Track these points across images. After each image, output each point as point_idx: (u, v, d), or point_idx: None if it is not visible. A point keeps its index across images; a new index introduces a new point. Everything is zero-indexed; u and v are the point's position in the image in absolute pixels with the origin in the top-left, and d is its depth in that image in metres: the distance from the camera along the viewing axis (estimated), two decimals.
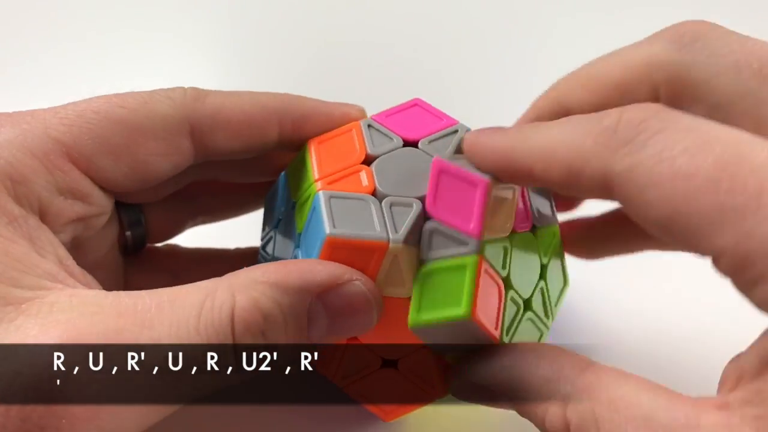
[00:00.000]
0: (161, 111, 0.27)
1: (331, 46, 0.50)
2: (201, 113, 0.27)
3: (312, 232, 0.26)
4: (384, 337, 0.26)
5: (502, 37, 0.49)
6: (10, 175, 0.24)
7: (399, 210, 0.25)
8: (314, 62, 0.49)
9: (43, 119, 0.25)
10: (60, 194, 0.25)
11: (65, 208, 0.26)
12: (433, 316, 0.24)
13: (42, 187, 0.25)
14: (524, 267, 0.27)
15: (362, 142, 0.27)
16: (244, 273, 0.24)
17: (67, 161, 0.25)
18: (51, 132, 0.25)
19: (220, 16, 0.51)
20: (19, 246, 0.23)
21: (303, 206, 0.27)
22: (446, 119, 0.28)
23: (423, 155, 0.27)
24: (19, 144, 0.24)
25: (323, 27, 0.51)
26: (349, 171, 0.27)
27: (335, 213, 0.25)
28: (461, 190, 0.24)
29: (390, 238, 0.25)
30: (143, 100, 0.27)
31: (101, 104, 0.26)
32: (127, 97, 0.27)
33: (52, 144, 0.25)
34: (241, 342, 0.23)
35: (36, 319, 0.22)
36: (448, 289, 0.24)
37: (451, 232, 0.25)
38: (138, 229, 0.31)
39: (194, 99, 0.28)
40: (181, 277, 0.32)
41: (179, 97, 0.27)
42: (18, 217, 0.24)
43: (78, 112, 0.26)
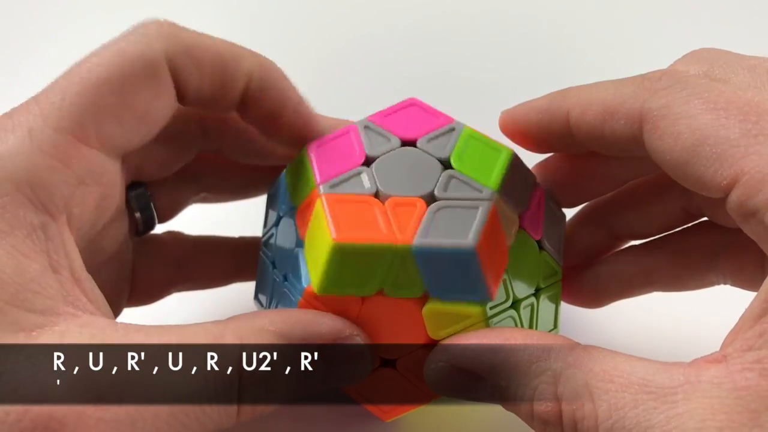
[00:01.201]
0: (140, 53, 0.26)
1: (327, 46, 0.50)
2: (177, 48, 0.26)
3: (316, 237, 0.26)
4: (383, 336, 0.26)
5: (498, 36, 0.49)
6: (29, 181, 0.24)
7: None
8: (313, 62, 0.49)
9: (40, 112, 0.25)
10: (80, 184, 0.25)
11: (85, 197, 0.25)
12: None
13: (63, 184, 0.24)
14: (523, 265, 0.27)
15: (360, 143, 0.27)
16: (250, 319, 0.25)
17: (78, 145, 0.25)
18: (51, 122, 0.24)
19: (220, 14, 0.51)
20: (35, 263, 0.23)
21: (305, 210, 0.27)
22: (442, 117, 0.28)
23: (422, 154, 0.27)
24: (29, 147, 0.24)
25: (321, 26, 0.51)
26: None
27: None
28: None
29: (396, 239, 0.25)
30: (118, 47, 0.26)
31: (82, 72, 0.25)
32: (103, 51, 0.26)
33: (58, 134, 0.24)
34: (245, 391, 0.24)
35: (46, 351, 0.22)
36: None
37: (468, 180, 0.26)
38: (147, 212, 0.31)
39: (169, 33, 0.26)
40: (186, 266, 0.33)
41: (154, 31, 0.26)
42: (37, 228, 0.23)
43: (65, 89, 0.25)
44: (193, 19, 0.28)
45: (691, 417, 0.21)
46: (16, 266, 0.23)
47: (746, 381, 0.21)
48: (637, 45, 0.48)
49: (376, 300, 0.25)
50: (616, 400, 0.22)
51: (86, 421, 0.21)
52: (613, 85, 0.26)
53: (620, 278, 0.32)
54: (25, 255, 0.23)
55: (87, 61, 0.26)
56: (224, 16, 0.51)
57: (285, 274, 0.28)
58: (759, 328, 0.21)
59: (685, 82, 0.24)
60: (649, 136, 0.24)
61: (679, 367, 0.22)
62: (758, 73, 0.24)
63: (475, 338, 0.25)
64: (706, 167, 0.23)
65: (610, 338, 0.34)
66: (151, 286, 0.33)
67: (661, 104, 0.24)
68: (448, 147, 0.27)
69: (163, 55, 0.26)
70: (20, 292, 0.22)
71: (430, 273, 0.25)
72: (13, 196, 0.23)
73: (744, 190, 0.22)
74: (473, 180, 0.26)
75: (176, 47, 0.26)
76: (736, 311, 0.23)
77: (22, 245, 0.23)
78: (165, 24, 0.27)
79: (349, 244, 0.24)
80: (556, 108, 0.27)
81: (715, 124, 0.22)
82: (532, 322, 0.28)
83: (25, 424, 0.21)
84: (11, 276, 0.22)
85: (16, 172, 0.23)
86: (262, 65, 0.28)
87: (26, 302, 0.22)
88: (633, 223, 0.31)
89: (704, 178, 0.23)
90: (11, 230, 0.23)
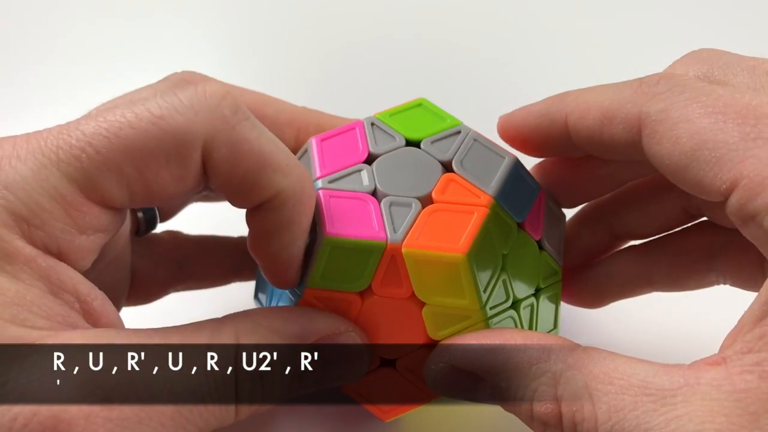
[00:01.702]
0: (175, 132, 0.23)
1: (334, 46, 0.50)
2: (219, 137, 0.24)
3: (313, 230, 0.26)
4: (382, 336, 0.26)
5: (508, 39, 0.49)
6: (27, 218, 0.23)
7: (398, 210, 0.25)
8: (317, 62, 0.49)
9: (55, 149, 0.23)
10: (80, 233, 0.24)
11: (85, 243, 0.24)
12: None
13: (61, 231, 0.23)
14: (523, 265, 0.27)
15: (365, 140, 0.27)
16: (247, 317, 0.25)
17: (82, 199, 0.24)
18: (63, 168, 0.23)
19: (223, 15, 0.51)
20: (35, 289, 0.23)
21: None
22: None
23: (424, 155, 0.27)
24: (35, 184, 0.23)
25: (326, 27, 0.51)
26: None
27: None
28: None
29: (389, 238, 0.25)
30: (158, 114, 0.23)
31: (111, 125, 0.23)
32: (140, 111, 0.23)
33: (67, 183, 0.23)
34: (242, 388, 0.24)
35: None
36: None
37: None
38: (150, 212, 0.31)
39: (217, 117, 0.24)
40: (185, 265, 0.33)
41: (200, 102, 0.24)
42: (36, 257, 0.23)
43: (88, 136, 0.23)
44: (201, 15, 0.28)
45: (690, 419, 0.21)
46: (16, 291, 0.22)
47: (746, 383, 0.21)
48: (638, 45, 0.48)
49: (376, 300, 0.26)
50: (616, 402, 0.22)
51: (94, 420, 0.21)
52: (611, 89, 0.26)
53: (620, 278, 0.32)
54: (25, 283, 0.23)
55: (123, 115, 0.24)
56: (232, 16, 0.51)
57: None
58: (759, 331, 0.21)
59: (684, 86, 0.24)
60: (648, 140, 0.24)
61: (678, 369, 0.22)
62: (757, 74, 0.24)
63: (475, 339, 0.25)
64: (705, 171, 0.23)
65: (610, 339, 0.34)
66: (151, 285, 0.33)
67: (659, 108, 0.24)
68: (452, 150, 0.27)
69: (202, 143, 0.24)
70: (21, 313, 0.22)
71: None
72: (11, 229, 0.23)
73: (743, 193, 0.22)
74: (472, 185, 0.26)
75: (220, 137, 0.24)
76: (736, 311, 0.23)
77: (21, 273, 0.23)
78: (222, 100, 0.24)
79: (340, 239, 0.25)
80: (555, 112, 0.27)
81: (714, 128, 0.22)
82: (532, 322, 0.28)
83: (33, 427, 0.21)
84: (12, 298, 0.22)
85: (18, 205, 0.23)
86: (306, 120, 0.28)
87: (27, 321, 0.22)
88: (632, 223, 0.31)
89: (703, 183, 0.23)
90: (9, 258, 0.23)
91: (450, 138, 0.27)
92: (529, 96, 0.29)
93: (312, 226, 0.26)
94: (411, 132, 0.28)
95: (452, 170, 0.27)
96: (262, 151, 0.24)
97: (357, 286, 0.25)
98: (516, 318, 0.27)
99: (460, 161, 0.27)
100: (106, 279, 0.29)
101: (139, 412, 0.22)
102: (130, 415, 0.22)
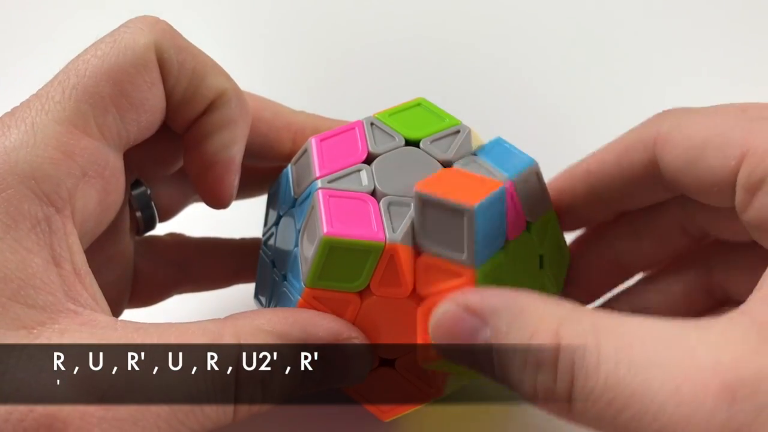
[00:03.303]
0: (132, 43, 0.26)
1: (334, 46, 0.50)
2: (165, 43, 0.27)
3: (310, 230, 0.26)
4: (382, 336, 0.26)
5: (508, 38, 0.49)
6: (33, 174, 0.24)
7: (397, 210, 0.25)
8: (317, 62, 0.49)
9: (41, 107, 0.25)
10: (84, 176, 0.25)
11: (89, 190, 0.25)
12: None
13: (66, 175, 0.24)
14: (520, 273, 0.27)
15: (364, 140, 0.27)
16: (249, 319, 0.25)
17: (80, 136, 0.25)
18: (53, 116, 0.25)
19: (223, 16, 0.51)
20: (38, 258, 0.23)
21: (303, 203, 0.27)
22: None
23: (423, 155, 0.27)
24: (33, 140, 0.24)
25: (326, 26, 0.51)
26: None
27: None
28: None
29: (387, 238, 0.25)
30: (113, 40, 0.26)
31: (78, 65, 0.26)
32: (99, 43, 0.26)
33: (61, 127, 0.25)
34: (242, 389, 0.24)
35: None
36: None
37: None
38: (148, 211, 0.31)
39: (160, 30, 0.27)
40: (188, 268, 0.33)
41: (147, 25, 0.27)
42: (41, 221, 0.24)
43: (63, 83, 0.25)
44: (198, 19, 0.28)
45: (708, 349, 0.20)
46: (19, 261, 0.23)
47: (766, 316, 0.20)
48: (639, 45, 0.48)
49: (375, 300, 0.26)
50: (624, 340, 0.20)
51: (89, 419, 0.21)
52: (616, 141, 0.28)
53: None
54: (28, 249, 0.23)
55: (83, 55, 0.26)
56: (231, 16, 0.51)
57: (284, 273, 0.28)
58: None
59: (684, 110, 0.27)
60: (664, 147, 0.26)
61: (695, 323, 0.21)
62: None
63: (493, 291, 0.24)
64: (714, 157, 0.24)
65: None
66: (153, 287, 0.33)
67: (670, 125, 0.26)
68: (451, 149, 0.27)
69: (153, 46, 0.26)
70: (22, 288, 0.23)
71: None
72: (17, 189, 0.23)
73: (750, 162, 0.23)
74: (490, 165, 0.26)
75: (166, 42, 0.27)
76: None
77: (25, 239, 0.23)
78: (157, 20, 0.27)
79: (338, 239, 0.25)
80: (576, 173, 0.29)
81: (722, 121, 0.25)
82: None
83: (28, 424, 0.21)
84: (14, 271, 0.23)
85: (20, 165, 0.24)
86: (235, 89, 0.29)
87: (28, 298, 0.22)
88: (631, 247, 0.31)
89: (713, 169, 0.25)
90: (15, 224, 0.23)
91: (449, 137, 0.27)
92: (530, 96, 0.29)
93: (312, 225, 0.26)
94: (410, 132, 0.28)
95: None
96: (203, 56, 0.28)
97: (356, 286, 0.25)
98: None
99: (483, 154, 0.27)
100: (108, 279, 0.29)
101: (134, 413, 0.22)
102: (125, 415, 0.22)
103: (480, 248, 0.24)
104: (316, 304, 0.26)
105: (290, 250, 0.28)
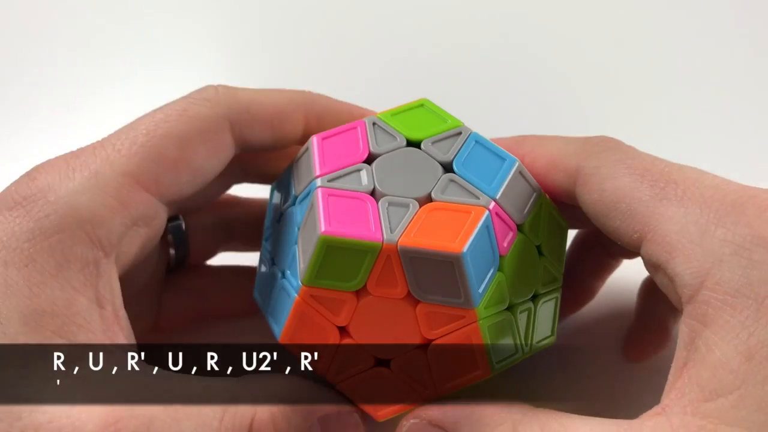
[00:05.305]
0: (202, 114, 0.28)
1: (338, 46, 0.50)
2: (236, 108, 0.29)
3: (309, 229, 0.26)
4: (377, 336, 0.26)
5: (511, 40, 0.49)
6: (90, 219, 0.26)
7: (396, 210, 0.25)
8: (320, 62, 0.49)
9: (107, 156, 0.27)
10: (134, 225, 0.27)
11: (135, 238, 0.27)
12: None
13: (119, 224, 0.26)
14: (521, 269, 0.27)
15: (366, 140, 0.27)
16: (265, 385, 0.26)
17: (138, 190, 0.27)
18: (117, 167, 0.27)
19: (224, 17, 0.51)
20: (84, 297, 0.25)
21: (303, 201, 0.27)
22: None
23: (424, 156, 0.27)
24: (94, 187, 0.26)
25: (329, 27, 0.51)
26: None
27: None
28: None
29: (385, 238, 0.25)
30: (182, 108, 0.28)
31: (148, 124, 0.28)
32: (167, 109, 0.28)
33: (122, 179, 0.27)
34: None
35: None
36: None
37: None
38: (182, 249, 0.33)
39: (227, 96, 0.29)
40: (210, 297, 0.34)
41: (213, 96, 0.29)
42: (90, 263, 0.26)
43: (131, 138, 0.27)
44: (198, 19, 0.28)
45: None
46: (66, 299, 0.25)
47: (681, 421, 0.23)
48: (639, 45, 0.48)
49: (371, 300, 0.26)
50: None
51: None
52: (561, 141, 0.29)
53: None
54: (76, 289, 0.25)
55: (152, 116, 0.28)
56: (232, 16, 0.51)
57: (283, 270, 0.28)
58: (686, 375, 0.24)
59: (617, 149, 0.28)
60: (581, 189, 0.28)
61: (625, 423, 0.24)
62: None
63: (452, 406, 0.26)
64: (621, 221, 0.26)
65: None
66: (175, 318, 0.34)
67: (594, 164, 0.27)
68: (452, 150, 0.27)
69: (224, 118, 0.29)
70: (66, 325, 0.25)
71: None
72: (73, 232, 0.25)
73: (650, 245, 0.25)
74: (473, 186, 0.26)
75: (237, 108, 0.29)
76: None
77: (74, 279, 0.25)
78: (221, 88, 0.29)
79: (336, 238, 0.25)
80: (513, 152, 0.28)
81: (632, 186, 0.26)
82: (529, 327, 0.28)
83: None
84: (61, 308, 0.25)
85: (80, 209, 0.26)
86: (312, 103, 0.30)
87: (70, 335, 0.24)
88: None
89: (620, 231, 0.26)
90: (68, 264, 0.25)
91: (450, 139, 0.27)
92: (530, 97, 0.29)
93: (310, 223, 0.26)
94: (412, 132, 0.28)
95: (452, 171, 0.27)
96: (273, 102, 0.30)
97: (352, 285, 0.25)
98: (513, 322, 0.27)
99: (461, 162, 0.27)
100: (136, 309, 0.29)
101: None
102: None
103: (475, 284, 0.25)
104: (313, 302, 0.26)
105: (289, 247, 0.28)
